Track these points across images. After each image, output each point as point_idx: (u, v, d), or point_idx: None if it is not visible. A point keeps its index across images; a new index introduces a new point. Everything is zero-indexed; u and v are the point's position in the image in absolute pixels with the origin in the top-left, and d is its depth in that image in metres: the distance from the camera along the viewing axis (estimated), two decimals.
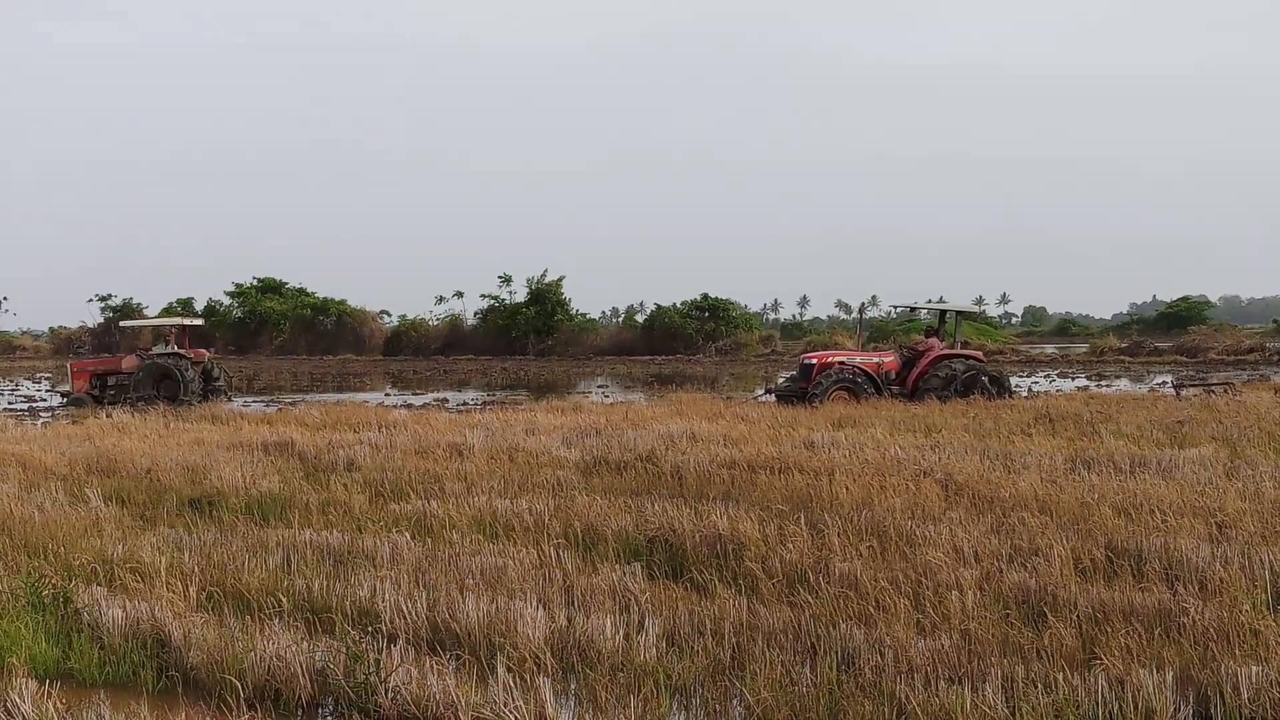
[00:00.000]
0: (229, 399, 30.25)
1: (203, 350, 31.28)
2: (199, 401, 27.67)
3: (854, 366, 24.89)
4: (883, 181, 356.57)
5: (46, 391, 38.21)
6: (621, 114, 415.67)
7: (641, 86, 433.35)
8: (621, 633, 6.94)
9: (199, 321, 35.92)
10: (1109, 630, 6.79)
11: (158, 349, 30.55)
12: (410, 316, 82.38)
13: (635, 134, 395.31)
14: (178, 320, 33.47)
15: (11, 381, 48.41)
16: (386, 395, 36.96)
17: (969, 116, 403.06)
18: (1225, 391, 25.87)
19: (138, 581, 8.19)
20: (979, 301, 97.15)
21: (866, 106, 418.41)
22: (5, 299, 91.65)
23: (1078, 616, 7.10)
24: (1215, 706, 5.90)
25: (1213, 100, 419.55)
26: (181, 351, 29.79)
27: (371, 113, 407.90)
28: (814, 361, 25.57)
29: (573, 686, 6.49)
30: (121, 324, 42.90)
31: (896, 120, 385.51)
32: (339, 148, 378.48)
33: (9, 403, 33.65)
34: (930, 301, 29.42)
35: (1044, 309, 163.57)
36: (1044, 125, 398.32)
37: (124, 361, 30.74)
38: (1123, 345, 63.89)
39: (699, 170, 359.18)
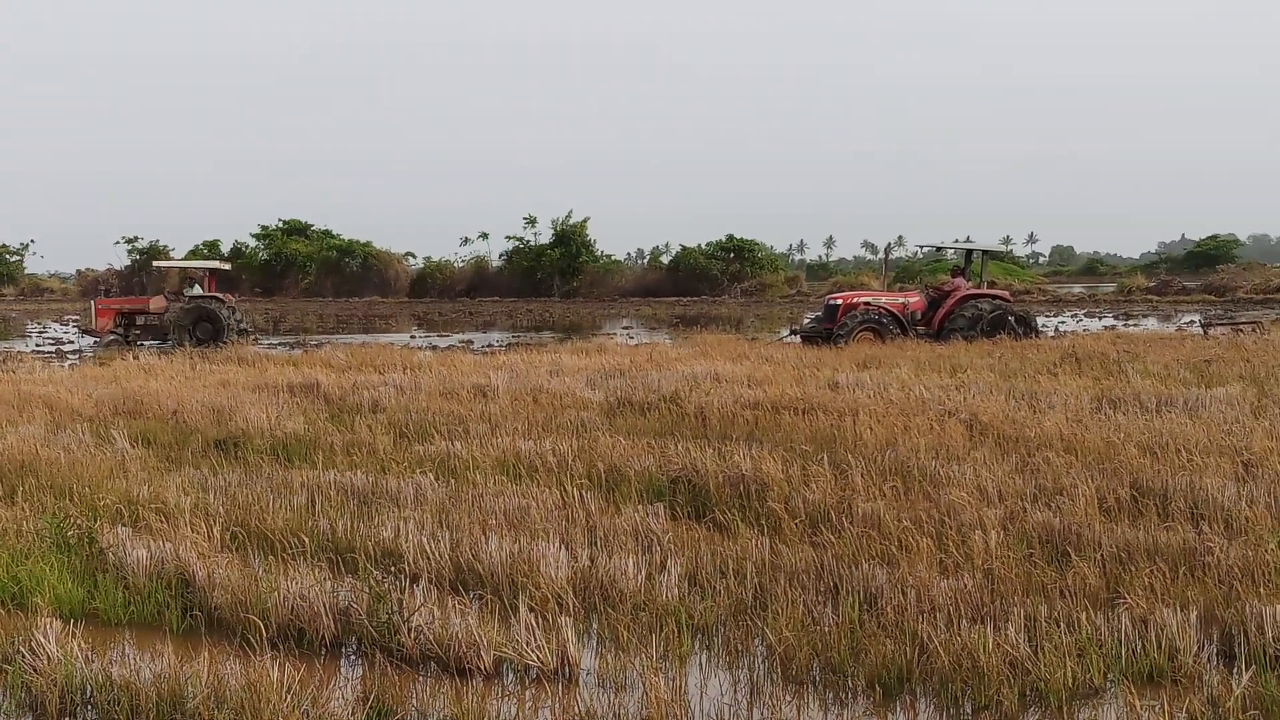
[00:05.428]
0: (255, 340, 30.57)
1: (229, 294, 31.71)
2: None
3: (879, 307, 24.78)
4: (911, 120, 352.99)
5: (74, 334, 38.47)
6: (646, 49, 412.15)
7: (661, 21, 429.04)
8: (644, 573, 6.95)
9: (228, 266, 36.24)
10: (1133, 569, 6.76)
11: (192, 291, 31.00)
12: (435, 258, 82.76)
13: (662, 70, 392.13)
14: (209, 263, 33.88)
15: (39, 323, 48.74)
16: (412, 337, 37.03)
17: (1001, 51, 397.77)
18: (1253, 330, 25.66)
19: (162, 522, 8.22)
20: (1006, 241, 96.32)
21: (895, 40, 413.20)
22: (33, 241, 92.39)
23: (1101, 556, 7.06)
24: (1239, 645, 5.86)
25: (1245, 34, 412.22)
26: (218, 295, 30.22)
27: (393, 54, 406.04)
28: (839, 302, 25.48)
29: (595, 626, 6.50)
30: (155, 264, 43.21)
31: (925, 55, 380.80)
32: (366, 90, 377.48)
33: (37, 345, 33.89)
34: (957, 241, 29.10)
35: (1071, 248, 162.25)
36: (1075, 60, 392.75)
37: (152, 302, 31.12)
38: (1150, 284, 63.45)
39: (727, 111, 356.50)
